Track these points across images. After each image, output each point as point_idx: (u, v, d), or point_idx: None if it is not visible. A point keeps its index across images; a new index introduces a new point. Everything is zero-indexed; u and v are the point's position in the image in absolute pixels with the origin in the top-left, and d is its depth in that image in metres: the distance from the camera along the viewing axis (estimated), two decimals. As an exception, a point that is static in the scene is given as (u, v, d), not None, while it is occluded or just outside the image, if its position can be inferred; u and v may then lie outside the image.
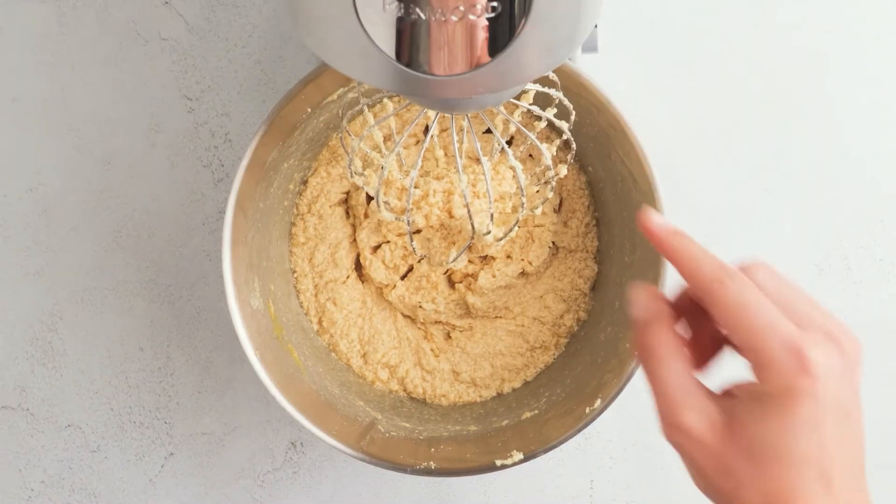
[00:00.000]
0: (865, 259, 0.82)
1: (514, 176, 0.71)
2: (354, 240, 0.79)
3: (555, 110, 0.66)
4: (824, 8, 0.81)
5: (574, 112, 0.66)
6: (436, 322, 0.80)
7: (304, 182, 0.78)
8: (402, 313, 0.80)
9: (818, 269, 0.82)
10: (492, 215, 0.66)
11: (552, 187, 0.70)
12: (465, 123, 0.69)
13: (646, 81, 0.82)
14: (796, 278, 0.85)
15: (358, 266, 0.80)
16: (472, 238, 0.69)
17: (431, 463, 0.70)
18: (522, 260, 0.77)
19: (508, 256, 0.77)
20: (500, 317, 0.79)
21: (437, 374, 0.78)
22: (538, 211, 0.71)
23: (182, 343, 0.83)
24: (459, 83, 0.41)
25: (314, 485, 0.83)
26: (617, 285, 0.75)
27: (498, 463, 0.69)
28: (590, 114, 0.70)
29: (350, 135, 0.67)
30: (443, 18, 0.38)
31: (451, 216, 0.73)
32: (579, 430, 0.69)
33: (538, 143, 0.62)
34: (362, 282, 0.80)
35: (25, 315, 0.83)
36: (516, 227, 0.70)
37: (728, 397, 0.42)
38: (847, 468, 0.39)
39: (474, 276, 0.78)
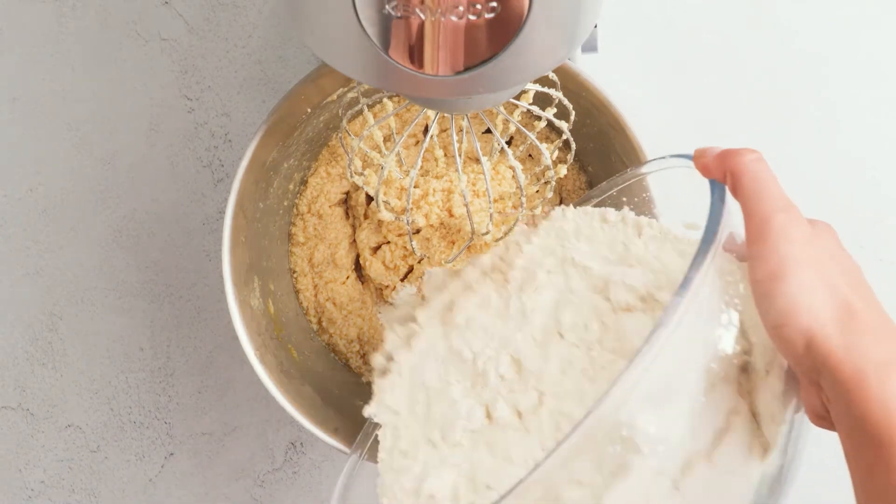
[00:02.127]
0: (865, 259, 0.82)
1: (513, 176, 0.71)
2: (354, 240, 0.79)
3: (555, 110, 0.66)
4: (824, 8, 0.81)
5: (574, 112, 0.66)
6: (436, 322, 0.80)
7: (304, 182, 0.78)
8: (402, 313, 0.80)
9: (818, 269, 0.82)
10: (491, 215, 0.66)
11: (552, 187, 0.70)
12: (464, 123, 0.69)
13: (646, 81, 0.82)
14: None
15: (358, 266, 0.80)
16: (472, 238, 0.69)
17: (431, 463, 0.70)
18: (522, 260, 0.77)
19: (508, 256, 0.77)
20: (500, 317, 0.79)
21: (437, 374, 0.78)
22: (538, 211, 0.71)
23: (182, 343, 0.83)
24: (459, 83, 0.41)
25: (314, 485, 0.83)
26: (617, 285, 0.75)
27: (498, 463, 0.69)
28: (590, 114, 0.70)
29: (350, 135, 0.67)
30: (442, 19, 0.38)
31: (451, 215, 0.73)
32: (579, 430, 0.69)
33: (538, 143, 0.62)
34: (362, 282, 0.80)
35: (25, 315, 0.83)
36: (515, 227, 0.70)
37: None
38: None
39: (474, 276, 0.78)
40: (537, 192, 0.75)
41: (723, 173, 0.49)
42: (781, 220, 0.45)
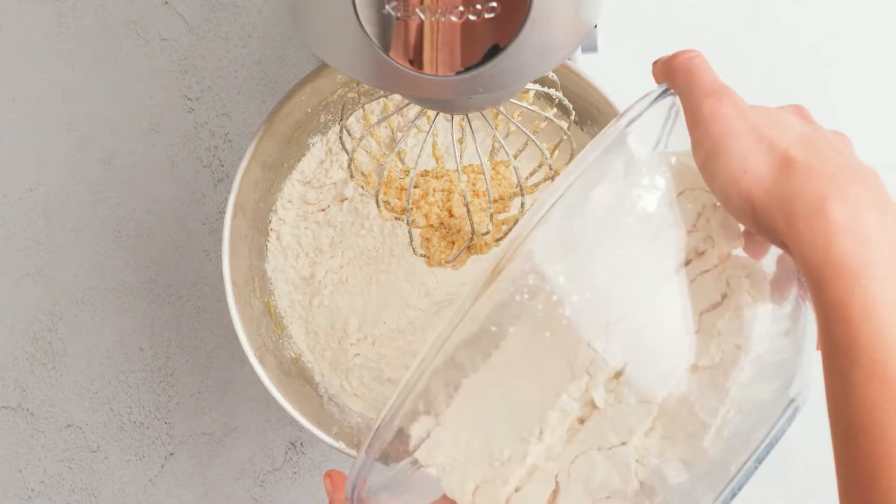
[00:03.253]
0: (865, 259, 0.82)
1: (514, 176, 0.71)
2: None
3: (555, 110, 0.66)
4: (824, 8, 0.81)
5: (574, 112, 0.66)
6: (436, 322, 0.79)
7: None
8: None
9: (818, 269, 0.82)
10: (491, 215, 0.66)
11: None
12: (464, 123, 0.69)
13: (646, 81, 0.81)
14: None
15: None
16: (472, 238, 0.69)
17: (431, 463, 0.70)
18: (522, 260, 0.77)
19: (508, 256, 0.77)
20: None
21: (437, 374, 0.78)
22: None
23: (182, 343, 0.83)
24: (459, 84, 0.41)
25: (314, 485, 0.83)
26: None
27: (498, 463, 0.69)
28: (590, 114, 0.70)
29: (350, 135, 0.67)
30: (442, 19, 0.39)
31: (451, 215, 0.73)
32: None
33: (538, 143, 0.62)
34: (362, 282, 0.80)
35: (25, 315, 0.83)
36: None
37: None
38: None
39: (474, 276, 0.78)
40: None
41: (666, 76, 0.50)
42: (710, 103, 0.45)
